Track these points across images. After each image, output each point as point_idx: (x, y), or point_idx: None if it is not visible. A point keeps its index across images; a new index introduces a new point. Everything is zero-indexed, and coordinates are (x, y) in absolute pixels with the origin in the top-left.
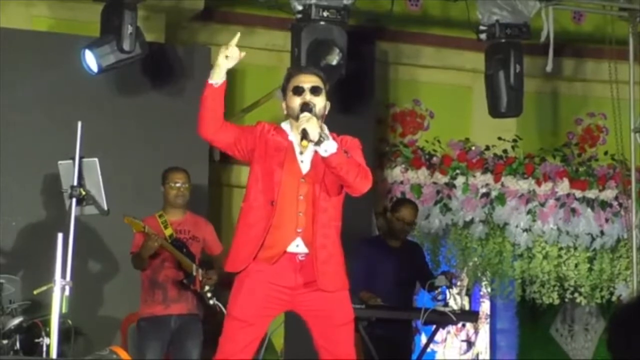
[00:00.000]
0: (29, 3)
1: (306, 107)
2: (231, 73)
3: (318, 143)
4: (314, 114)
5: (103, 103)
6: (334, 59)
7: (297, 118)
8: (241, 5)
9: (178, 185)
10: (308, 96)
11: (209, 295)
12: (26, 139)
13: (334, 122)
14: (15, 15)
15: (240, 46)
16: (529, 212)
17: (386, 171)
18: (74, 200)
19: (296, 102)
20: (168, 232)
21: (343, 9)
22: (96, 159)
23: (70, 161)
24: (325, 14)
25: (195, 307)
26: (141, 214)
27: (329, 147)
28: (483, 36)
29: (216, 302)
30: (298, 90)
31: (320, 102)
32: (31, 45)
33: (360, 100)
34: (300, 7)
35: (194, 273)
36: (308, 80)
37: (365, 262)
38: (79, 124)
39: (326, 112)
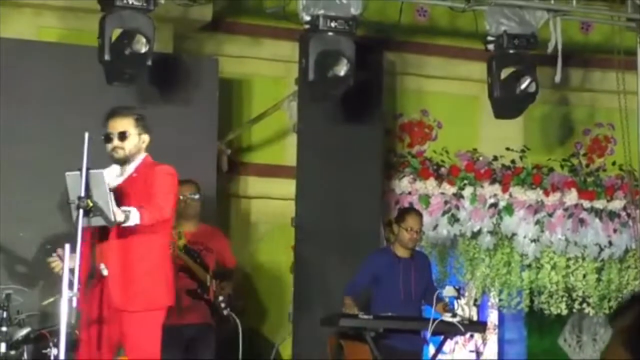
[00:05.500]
0: (37, 13)
1: None
2: (238, 83)
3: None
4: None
5: None
6: (342, 69)
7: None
8: (248, 15)
9: (187, 197)
10: (116, 142)
11: (222, 305)
12: (34, 149)
13: (343, 132)
14: (22, 26)
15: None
16: (537, 222)
17: (394, 182)
18: (81, 211)
19: (108, 147)
20: (181, 242)
21: (351, 20)
22: (103, 171)
23: (78, 172)
24: (333, 24)
25: (208, 316)
26: None
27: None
28: (491, 46)
29: (230, 313)
30: (107, 138)
31: (129, 145)
32: (39, 56)
33: (368, 111)
34: (308, 18)
35: (208, 283)
36: (113, 126)
37: (368, 273)
38: (86, 135)
39: (144, 146)
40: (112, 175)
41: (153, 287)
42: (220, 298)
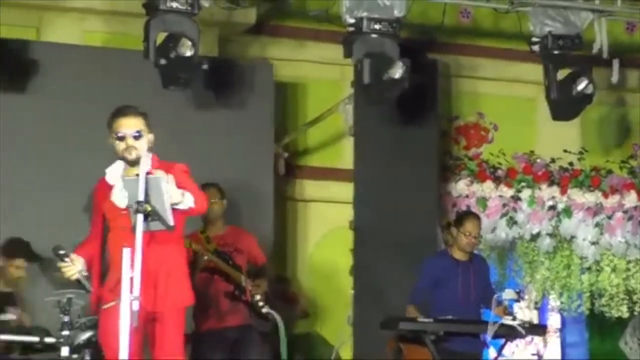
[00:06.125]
0: (81, 17)
1: None
2: (292, 87)
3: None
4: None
5: (164, 117)
6: (397, 72)
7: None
8: (292, 18)
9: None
10: (131, 142)
11: (260, 304)
12: (81, 154)
13: (399, 135)
14: (67, 31)
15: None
16: (596, 225)
17: (450, 184)
18: (140, 216)
19: (121, 147)
20: (211, 246)
21: (395, 22)
22: (160, 175)
23: (135, 177)
24: (376, 26)
25: (248, 317)
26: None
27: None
28: (536, 48)
29: (269, 310)
30: (120, 138)
31: (142, 144)
32: (84, 60)
33: (424, 113)
34: (351, 20)
35: (243, 284)
36: (127, 125)
37: (428, 277)
38: None
39: (151, 145)
40: (117, 175)
41: (175, 287)
42: (257, 297)
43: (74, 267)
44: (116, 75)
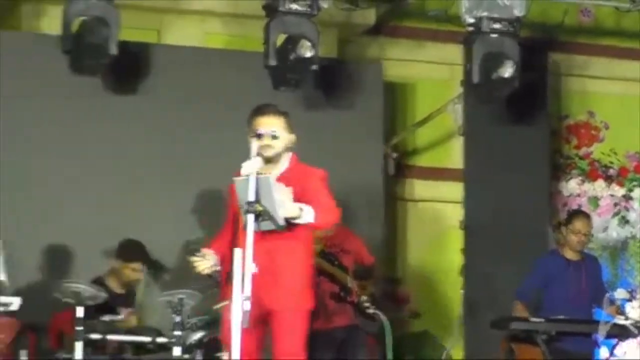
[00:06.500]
0: (202, 19)
1: None
2: (403, 87)
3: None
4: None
5: None
6: (507, 71)
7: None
8: (411, 19)
9: None
10: (267, 140)
11: (366, 305)
12: (200, 154)
13: (509, 134)
14: (188, 33)
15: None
16: None
17: (561, 183)
18: (251, 216)
19: (257, 145)
20: (318, 247)
21: (515, 21)
22: (270, 175)
23: (246, 177)
24: (496, 26)
25: (354, 317)
26: None
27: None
28: None
29: (376, 311)
30: (257, 136)
31: (279, 144)
32: (205, 62)
33: (534, 112)
34: (471, 20)
35: (349, 284)
36: (265, 124)
37: (538, 276)
38: (253, 140)
39: (291, 145)
40: (254, 169)
41: (299, 288)
42: (364, 298)
43: (206, 261)
44: (236, 76)
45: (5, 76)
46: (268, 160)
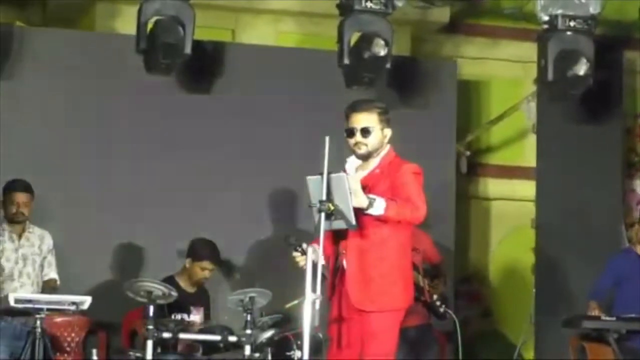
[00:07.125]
0: (276, 19)
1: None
2: (476, 85)
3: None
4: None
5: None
6: (581, 69)
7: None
8: (486, 16)
9: None
10: (359, 138)
11: (438, 303)
12: (275, 154)
13: (582, 132)
14: (262, 32)
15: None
16: None
17: (635, 182)
18: (322, 214)
19: (350, 142)
20: None
21: (590, 19)
22: (344, 174)
23: (319, 176)
24: (572, 23)
25: (427, 317)
26: None
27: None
28: None
29: (447, 310)
30: (350, 132)
31: (372, 141)
32: (278, 61)
33: (608, 110)
34: (546, 18)
35: (421, 284)
36: (357, 120)
37: (611, 275)
38: (327, 139)
39: (386, 141)
40: (353, 166)
41: (390, 288)
42: (435, 297)
43: (303, 257)
44: (309, 75)
45: (82, 76)
46: (366, 157)
